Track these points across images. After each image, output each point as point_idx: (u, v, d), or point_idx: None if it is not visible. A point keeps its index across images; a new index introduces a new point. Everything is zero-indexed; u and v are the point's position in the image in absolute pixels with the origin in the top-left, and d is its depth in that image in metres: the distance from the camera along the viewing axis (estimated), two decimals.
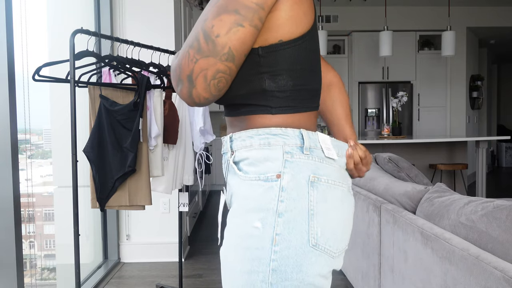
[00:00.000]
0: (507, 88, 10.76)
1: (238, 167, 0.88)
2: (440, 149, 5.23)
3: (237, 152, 0.88)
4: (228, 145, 0.91)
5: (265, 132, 0.85)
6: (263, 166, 0.84)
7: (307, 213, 0.81)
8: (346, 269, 2.79)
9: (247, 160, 0.86)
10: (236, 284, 0.84)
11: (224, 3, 0.78)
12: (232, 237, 0.85)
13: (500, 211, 1.35)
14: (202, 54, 0.77)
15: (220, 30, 0.77)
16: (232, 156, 0.89)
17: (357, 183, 2.65)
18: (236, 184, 0.88)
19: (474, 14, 6.93)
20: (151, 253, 3.41)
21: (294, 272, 0.80)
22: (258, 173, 0.84)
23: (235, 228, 0.84)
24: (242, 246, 0.82)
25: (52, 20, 2.82)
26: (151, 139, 2.22)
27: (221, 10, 0.78)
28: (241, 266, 0.82)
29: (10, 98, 1.92)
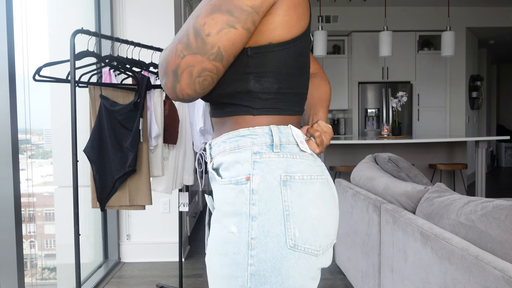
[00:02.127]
0: (507, 88, 10.77)
1: (217, 173, 0.87)
2: (440, 149, 5.24)
3: (215, 159, 0.88)
4: (208, 152, 0.90)
5: (235, 135, 0.84)
6: (234, 169, 0.83)
7: (282, 214, 0.79)
8: (346, 269, 2.79)
9: (223, 165, 0.86)
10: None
11: (218, 2, 0.77)
12: (213, 242, 0.84)
13: (500, 211, 1.35)
14: (190, 50, 0.76)
15: (211, 29, 0.76)
16: (211, 162, 0.89)
17: (357, 183, 2.66)
18: (215, 189, 0.87)
19: (473, 14, 6.93)
20: (151, 253, 3.42)
21: (273, 275, 0.79)
22: (230, 177, 0.83)
23: (216, 233, 0.83)
24: (221, 252, 0.82)
25: (52, 20, 2.82)
26: (151, 139, 2.23)
27: (214, 9, 0.76)
28: (221, 271, 0.81)
29: (11, 98, 1.92)
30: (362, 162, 2.74)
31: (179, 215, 2.78)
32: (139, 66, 2.32)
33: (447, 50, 5.71)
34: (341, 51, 7.31)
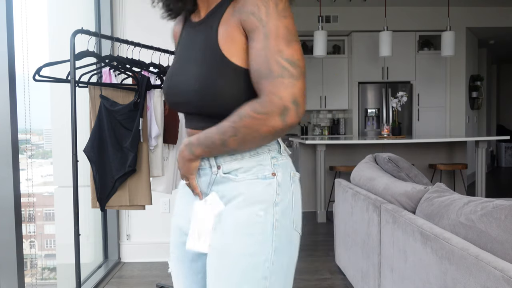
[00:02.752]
0: (507, 88, 10.77)
1: (230, 175, 1.00)
2: (440, 149, 5.24)
3: (224, 166, 1.00)
4: (212, 162, 1.02)
5: None
6: (256, 169, 0.99)
7: (291, 203, 1.02)
8: (346, 269, 2.79)
9: (242, 169, 0.99)
10: (239, 266, 0.96)
11: (286, 34, 0.90)
12: (233, 227, 0.97)
13: (500, 211, 1.35)
14: (295, 78, 0.89)
15: (298, 55, 0.90)
16: (219, 169, 1.01)
17: (357, 183, 2.66)
18: (232, 187, 0.99)
19: (473, 14, 6.93)
20: (151, 253, 3.42)
21: (287, 249, 1.00)
22: (255, 175, 0.99)
23: (238, 219, 0.97)
24: (245, 233, 0.96)
25: (52, 21, 2.82)
26: (151, 139, 2.23)
27: (289, 40, 0.90)
28: (247, 250, 0.96)
29: (11, 98, 1.92)
30: (362, 162, 2.74)
31: None
32: (139, 66, 2.32)
33: (447, 50, 5.71)
34: (341, 51, 7.31)
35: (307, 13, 6.48)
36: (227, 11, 0.97)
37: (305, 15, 6.53)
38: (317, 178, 4.75)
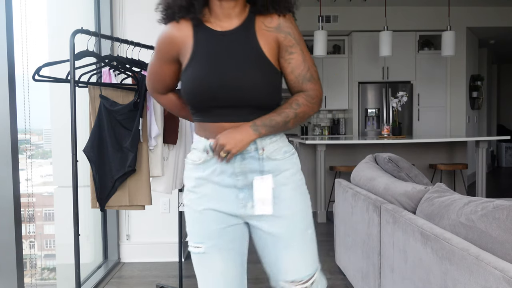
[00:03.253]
0: (507, 88, 10.77)
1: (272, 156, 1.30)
2: (440, 149, 5.23)
3: (266, 148, 1.30)
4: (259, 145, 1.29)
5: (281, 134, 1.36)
6: (286, 148, 1.35)
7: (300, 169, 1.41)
8: (346, 269, 2.79)
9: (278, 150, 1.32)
10: (309, 218, 1.38)
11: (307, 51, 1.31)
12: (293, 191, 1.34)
13: (500, 211, 1.35)
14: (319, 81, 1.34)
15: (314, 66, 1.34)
16: (264, 151, 1.29)
17: (357, 183, 2.66)
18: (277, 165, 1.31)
19: (474, 14, 6.93)
20: (151, 253, 3.42)
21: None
22: (289, 152, 1.35)
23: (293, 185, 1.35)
24: (301, 193, 1.37)
25: (52, 20, 2.82)
26: (151, 139, 2.23)
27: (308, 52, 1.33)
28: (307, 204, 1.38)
29: (10, 98, 1.92)
30: (362, 162, 2.74)
31: (179, 215, 2.78)
32: (139, 66, 2.32)
33: (447, 50, 5.71)
34: (341, 51, 7.31)
35: (307, 13, 6.48)
36: (257, 25, 1.27)
37: (305, 15, 6.53)
38: (317, 178, 4.75)
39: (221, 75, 1.24)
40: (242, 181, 1.28)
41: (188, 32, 1.28)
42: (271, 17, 1.27)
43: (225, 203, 1.30)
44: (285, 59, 1.28)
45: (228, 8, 1.25)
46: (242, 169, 1.28)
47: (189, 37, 1.28)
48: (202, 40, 1.27)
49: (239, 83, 1.23)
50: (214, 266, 1.31)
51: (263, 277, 1.46)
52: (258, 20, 1.27)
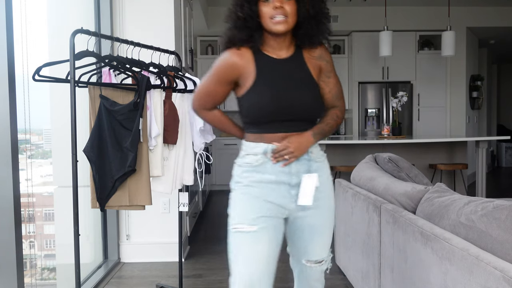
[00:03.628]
0: (507, 88, 10.76)
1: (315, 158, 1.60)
2: (440, 149, 5.23)
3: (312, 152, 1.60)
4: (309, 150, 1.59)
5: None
6: (321, 153, 1.66)
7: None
8: (346, 269, 2.79)
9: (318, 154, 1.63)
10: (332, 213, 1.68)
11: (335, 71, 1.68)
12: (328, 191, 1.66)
13: (500, 211, 1.35)
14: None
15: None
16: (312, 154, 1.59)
17: (357, 183, 2.66)
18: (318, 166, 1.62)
19: (474, 14, 6.93)
20: (151, 253, 3.41)
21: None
22: (324, 157, 1.68)
23: (329, 186, 1.67)
24: (332, 195, 1.68)
25: (52, 20, 2.82)
26: (151, 139, 2.22)
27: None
28: (333, 204, 1.69)
29: (10, 98, 1.92)
30: (362, 162, 2.74)
31: (179, 215, 2.78)
32: (139, 66, 2.32)
33: (447, 50, 5.70)
34: (341, 51, 7.30)
35: None
36: (304, 55, 1.59)
37: None
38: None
39: (284, 95, 1.52)
40: (295, 180, 1.55)
41: (249, 58, 1.53)
42: (314, 49, 1.60)
43: (279, 197, 1.54)
44: (324, 81, 1.63)
45: (280, 41, 1.54)
46: (297, 169, 1.55)
47: (250, 63, 1.52)
48: (264, 66, 1.53)
49: (297, 102, 1.53)
50: (260, 245, 1.51)
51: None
52: (304, 50, 1.59)
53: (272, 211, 1.54)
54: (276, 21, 1.46)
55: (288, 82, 1.54)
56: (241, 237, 1.52)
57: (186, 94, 2.53)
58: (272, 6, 1.46)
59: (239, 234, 1.52)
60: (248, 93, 1.52)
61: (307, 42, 1.57)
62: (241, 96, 1.55)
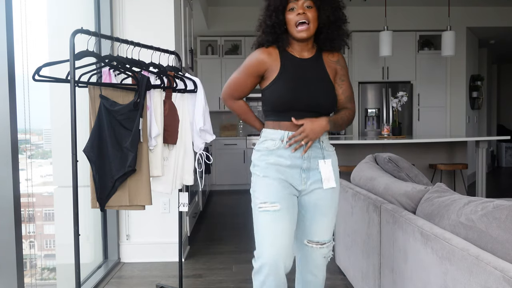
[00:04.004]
0: (507, 88, 10.76)
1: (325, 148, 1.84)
2: (440, 149, 5.23)
3: (323, 142, 1.84)
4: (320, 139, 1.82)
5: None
6: (329, 144, 1.88)
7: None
8: (346, 269, 2.79)
9: (327, 144, 1.86)
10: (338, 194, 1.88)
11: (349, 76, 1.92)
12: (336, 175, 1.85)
13: (500, 211, 1.35)
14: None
15: None
16: (323, 143, 1.83)
17: (357, 183, 2.66)
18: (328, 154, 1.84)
19: (474, 14, 6.93)
20: (151, 253, 3.41)
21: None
22: (332, 147, 1.88)
23: (336, 172, 1.86)
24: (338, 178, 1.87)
25: (52, 20, 2.82)
26: (151, 139, 2.22)
27: None
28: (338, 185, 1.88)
29: (10, 98, 1.92)
30: (362, 162, 2.74)
31: (179, 215, 2.78)
32: (139, 66, 2.32)
33: (447, 50, 5.70)
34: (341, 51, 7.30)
35: None
36: (324, 57, 1.83)
37: None
38: None
39: (303, 89, 1.75)
40: (306, 164, 1.77)
41: (276, 56, 1.77)
42: (333, 53, 1.85)
43: (293, 178, 1.76)
44: (339, 84, 1.86)
45: (303, 45, 1.79)
46: (309, 155, 1.77)
47: (277, 60, 1.77)
48: (287, 63, 1.77)
49: (314, 96, 1.75)
50: (284, 222, 1.71)
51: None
52: (324, 54, 1.84)
53: (289, 190, 1.75)
54: (299, 29, 1.71)
55: (306, 78, 1.77)
56: (266, 215, 1.71)
57: (186, 94, 2.53)
58: (296, 13, 1.70)
59: (264, 213, 1.71)
60: (271, 84, 1.77)
61: (328, 45, 1.80)
62: (265, 88, 1.79)
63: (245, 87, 1.83)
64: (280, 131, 1.77)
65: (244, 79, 1.82)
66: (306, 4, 1.71)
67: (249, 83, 1.82)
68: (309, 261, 1.88)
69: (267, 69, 1.77)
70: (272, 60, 1.77)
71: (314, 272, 1.89)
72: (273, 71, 1.76)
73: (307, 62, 1.79)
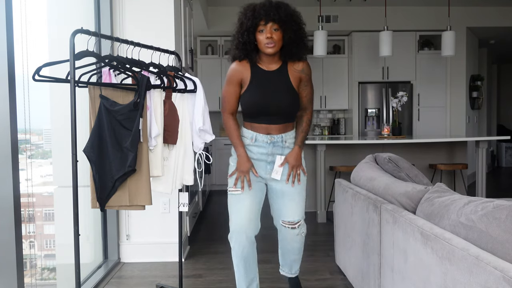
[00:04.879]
0: (507, 88, 10.76)
1: (288, 145, 2.27)
2: (440, 149, 5.23)
3: (287, 141, 2.27)
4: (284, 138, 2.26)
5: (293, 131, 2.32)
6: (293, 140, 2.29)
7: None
8: (346, 269, 2.79)
9: (291, 141, 2.28)
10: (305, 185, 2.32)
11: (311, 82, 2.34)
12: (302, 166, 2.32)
13: (500, 211, 1.35)
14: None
15: None
16: (286, 143, 2.26)
17: (357, 183, 2.66)
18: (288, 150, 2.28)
19: (474, 14, 6.93)
20: (151, 253, 3.42)
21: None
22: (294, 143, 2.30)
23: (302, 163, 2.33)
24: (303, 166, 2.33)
25: (52, 20, 2.82)
26: (151, 139, 2.22)
27: None
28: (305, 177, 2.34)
29: (10, 98, 1.92)
30: (362, 162, 2.74)
31: (179, 215, 2.78)
32: (139, 66, 2.32)
33: (447, 50, 5.71)
34: (341, 51, 7.31)
35: (307, 13, 6.46)
36: (289, 68, 2.22)
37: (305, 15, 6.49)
38: (317, 178, 4.75)
39: (268, 97, 2.17)
40: (270, 158, 2.25)
41: (247, 68, 2.19)
42: (298, 63, 2.23)
43: (259, 169, 2.27)
44: (302, 89, 2.27)
45: (270, 58, 2.19)
46: (272, 151, 2.24)
47: (248, 71, 2.19)
48: (256, 74, 2.19)
49: (278, 102, 2.17)
50: (245, 202, 2.22)
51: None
52: (289, 63, 2.22)
53: (254, 177, 2.25)
54: (267, 46, 2.10)
55: (273, 87, 2.18)
56: (232, 197, 2.25)
57: (186, 94, 2.53)
58: (265, 36, 2.09)
59: (230, 195, 2.26)
60: (245, 92, 2.21)
61: (289, 58, 2.20)
62: (241, 95, 2.23)
63: (231, 95, 2.23)
64: (251, 132, 2.24)
65: (228, 88, 2.23)
66: (273, 27, 2.09)
67: (233, 91, 2.22)
68: (287, 238, 2.35)
69: (242, 78, 2.20)
70: (245, 71, 2.19)
71: (292, 245, 2.38)
72: (246, 81, 2.19)
73: (273, 73, 2.20)
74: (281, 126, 2.22)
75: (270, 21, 2.08)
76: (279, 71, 2.19)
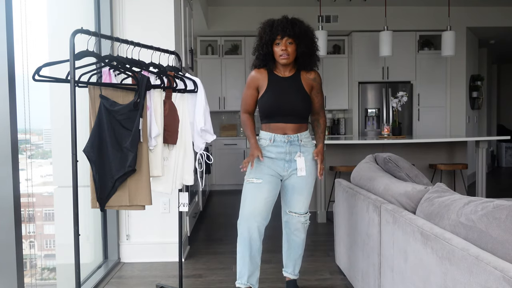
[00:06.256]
0: (507, 88, 10.76)
1: (304, 144, 2.50)
2: (440, 149, 5.23)
3: (303, 140, 2.50)
4: (299, 137, 2.49)
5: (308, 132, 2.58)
6: (310, 139, 2.56)
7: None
8: (346, 269, 2.79)
9: (307, 140, 2.53)
10: (314, 181, 2.59)
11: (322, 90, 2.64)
12: (312, 165, 2.55)
13: (500, 211, 1.35)
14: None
15: None
16: (302, 142, 2.49)
17: (357, 183, 2.66)
18: (305, 149, 2.51)
19: (474, 14, 6.93)
20: (151, 253, 3.41)
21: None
22: (312, 142, 2.57)
23: (313, 162, 2.55)
24: (315, 165, 2.56)
25: (52, 20, 2.82)
26: (151, 139, 2.22)
27: None
28: (315, 174, 2.57)
29: (10, 98, 1.92)
30: (362, 162, 2.74)
31: (179, 215, 2.78)
32: (139, 66, 2.32)
33: (447, 50, 5.71)
34: (341, 51, 7.30)
35: (307, 13, 6.47)
36: (302, 75, 2.50)
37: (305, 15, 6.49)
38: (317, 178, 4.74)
39: (283, 98, 2.44)
40: (288, 157, 2.47)
41: (265, 75, 2.49)
42: (310, 73, 2.52)
43: (278, 166, 2.47)
44: (315, 95, 2.55)
45: (285, 67, 2.49)
46: (290, 150, 2.46)
47: (265, 78, 2.48)
48: (273, 80, 2.47)
49: (292, 102, 2.44)
50: (262, 192, 2.41)
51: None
52: (302, 72, 2.51)
53: (273, 173, 2.46)
54: (282, 58, 2.40)
55: (287, 89, 2.46)
56: (250, 185, 2.44)
57: (186, 94, 2.53)
58: (280, 49, 2.38)
59: (249, 184, 2.44)
60: (262, 96, 2.48)
61: (303, 68, 2.49)
62: (259, 99, 2.51)
63: (248, 98, 2.53)
64: (269, 133, 2.48)
65: (247, 91, 2.53)
66: (288, 41, 2.38)
67: (250, 94, 2.52)
68: (291, 225, 2.59)
69: (259, 84, 2.48)
70: (263, 78, 2.48)
71: (296, 234, 2.60)
72: (263, 86, 2.47)
73: (288, 80, 2.47)
74: (296, 126, 2.46)
75: (286, 36, 2.36)
76: (293, 77, 2.48)
